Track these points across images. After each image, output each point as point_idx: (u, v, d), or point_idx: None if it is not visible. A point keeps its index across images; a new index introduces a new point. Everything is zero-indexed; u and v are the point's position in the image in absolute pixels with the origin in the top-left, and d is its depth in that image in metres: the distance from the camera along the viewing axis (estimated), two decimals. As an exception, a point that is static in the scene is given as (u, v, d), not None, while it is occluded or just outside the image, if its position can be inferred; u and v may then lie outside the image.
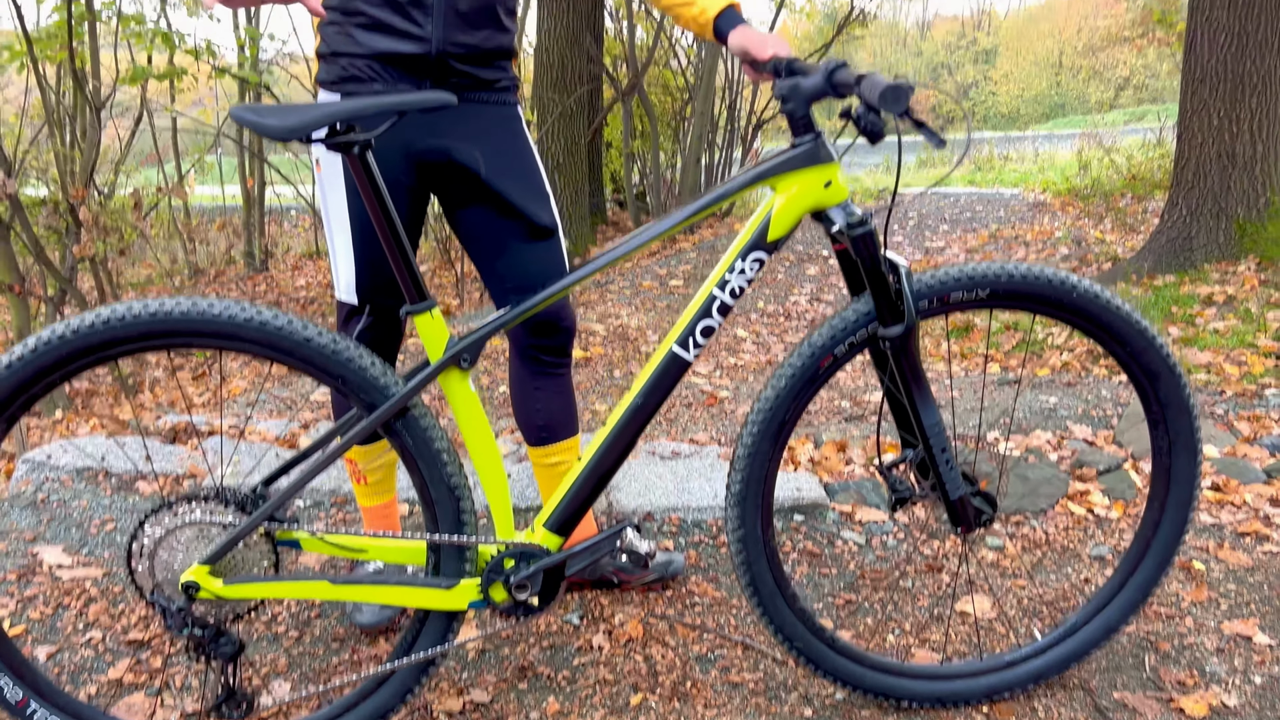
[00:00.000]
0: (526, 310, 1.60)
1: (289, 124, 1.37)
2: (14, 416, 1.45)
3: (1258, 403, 3.32)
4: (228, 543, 1.50)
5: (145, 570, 1.54)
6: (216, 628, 1.55)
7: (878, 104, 1.30)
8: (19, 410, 1.45)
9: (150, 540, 1.52)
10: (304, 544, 1.60)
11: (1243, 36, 4.69)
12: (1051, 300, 1.60)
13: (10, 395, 1.42)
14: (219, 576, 1.53)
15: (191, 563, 1.52)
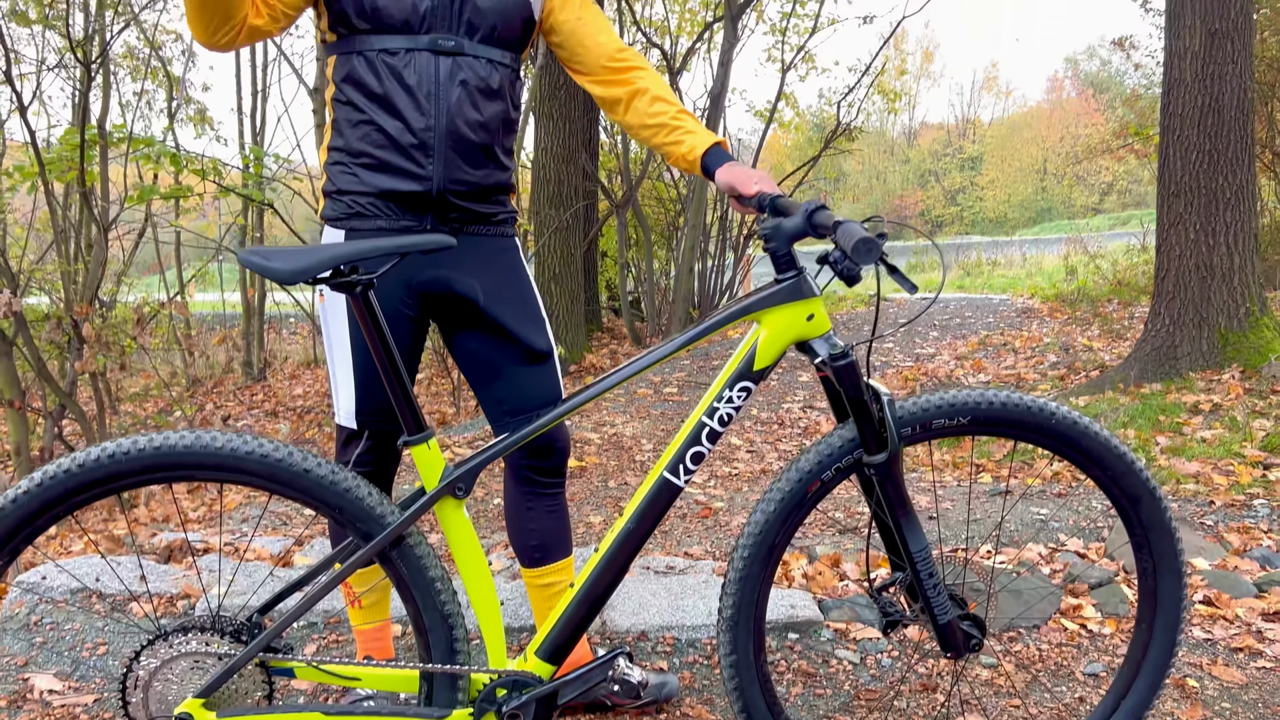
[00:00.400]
0: (522, 438, 1.65)
1: (293, 268, 1.44)
2: (16, 550, 1.48)
3: (1247, 513, 3.34)
4: (222, 675, 1.51)
5: (139, 703, 1.54)
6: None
7: (851, 255, 1.37)
8: (22, 543, 1.48)
9: (145, 672, 1.53)
10: (298, 673, 1.61)
11: (1213, 154, 4.87)
12: (1030, 427, 1.65)
13: (14, 529, 1.45)
14: (213, 709, 1.53)
15: (186, 695, 1.53)
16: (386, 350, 1.53)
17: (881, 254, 1.39)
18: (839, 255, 1.44)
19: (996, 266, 17.18)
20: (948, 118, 55.76)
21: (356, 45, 1.84)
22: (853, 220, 1.44)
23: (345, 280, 1.48)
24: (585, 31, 1.98)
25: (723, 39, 8.36)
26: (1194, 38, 4.85)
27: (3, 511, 1.45)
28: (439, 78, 1.82)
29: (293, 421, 7.31)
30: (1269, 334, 4.92)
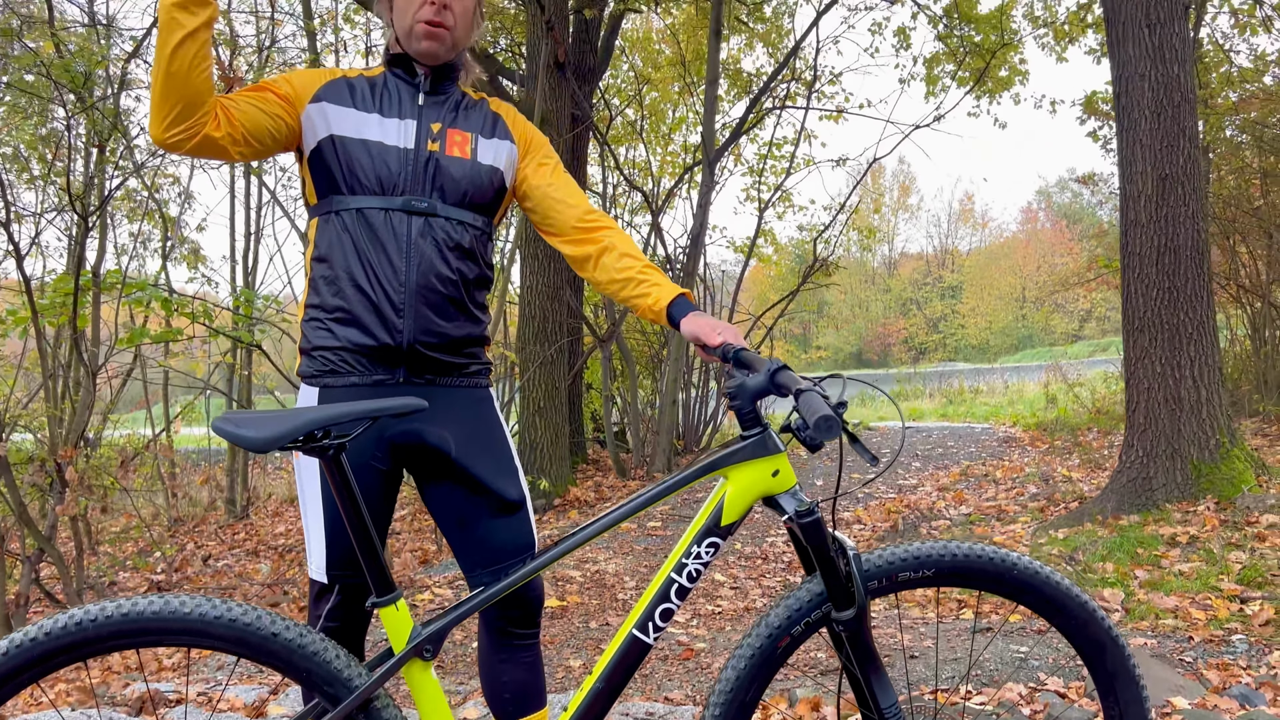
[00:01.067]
0: (495, 595, 1.67)
1: (265, 436, 1.49)
2: None
3: (1225, 649, 3.33)
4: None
5: None
6: None
7: (813, 431, 1.42)
8: None
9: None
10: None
11: (1173, 291, 5.05)
12: (992, 577, 1.69)
13: None
14: None
15: None
16: (357, 514, 1.57)
17: (843, 426, 1.45)
18: (801, 424, 1.49)
19: (979, 394, 17.37)
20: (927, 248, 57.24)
21: (335, 205, 1.94)
22: (814, 390, 1.49)
23: (318, 445, 1.53)
24: (556, 196, 2.10)
25: (701, 183, 8.68)
26: (1146, 182, 5.09)
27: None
28: (411, 236, 1.92)
29: (273, 561, 7.23)
30: (1240, 465, 4.99)
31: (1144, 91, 5.09)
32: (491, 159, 2.04)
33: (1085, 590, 3.98)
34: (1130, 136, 5.17)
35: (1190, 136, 5.07)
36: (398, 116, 1.98)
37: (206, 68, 1.75)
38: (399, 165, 1.94)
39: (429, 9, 1.94)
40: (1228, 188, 9.31)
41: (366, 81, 2.03)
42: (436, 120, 2.00)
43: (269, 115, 1.90)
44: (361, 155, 1.93)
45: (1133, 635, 3.57)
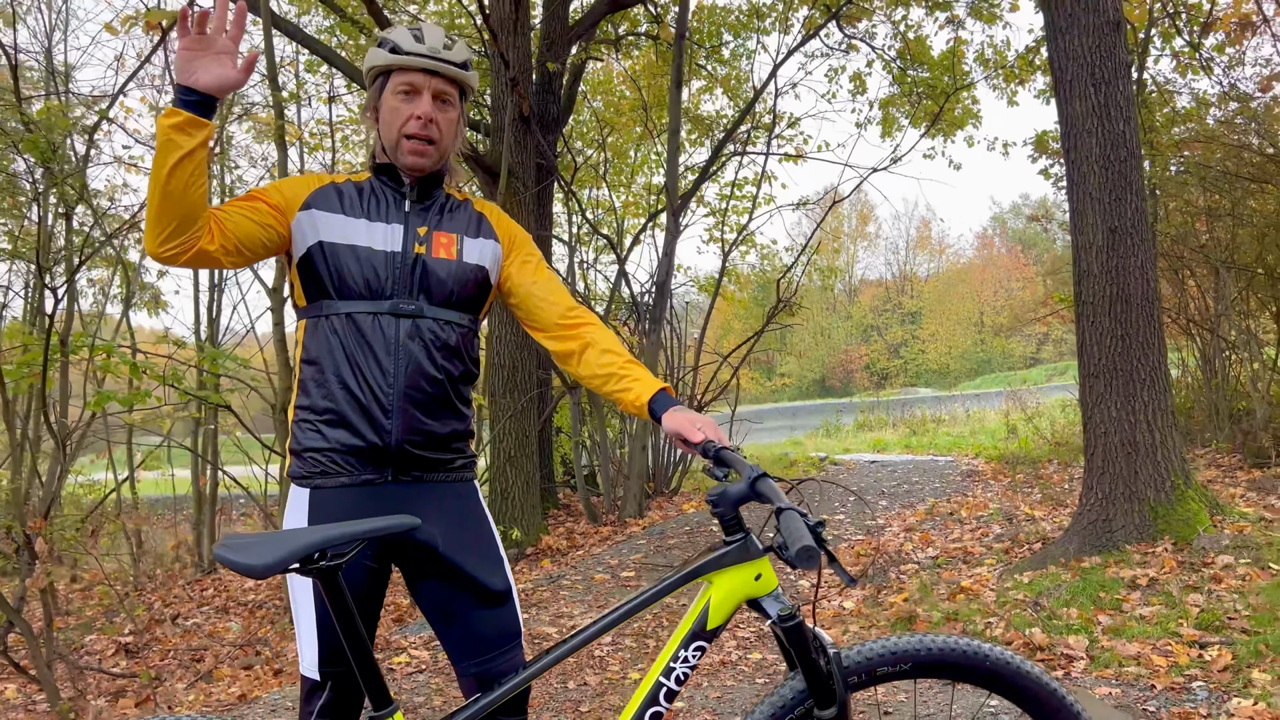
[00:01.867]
0: (494, 702, 1.72)
1: (265, 563, 1.54)
2: None
3: (1186, 697, 3.45)
4: None
5: None
6: None
7: (795, 559, 1.48)
8: None
9: None
10: None
11: (1126, 339, 5.22)
12: (967, 669, 1.78)
13: None
14: None
15: None
16: (354, 631, 1.63)
17: (823, 552, 1.51)
18: (782, 545, 1.56)
19: (941, 423, 17.63)
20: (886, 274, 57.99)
21: (324, 309, 2.01)
22: (794, 510, 1.56)
23: (315, 567, 1.59)
24: (539, 295, 2.18)
25: (666, 231, 8.81)
26: (1097, 234, 5.28)
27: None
28: (399, 338, 1.99)
29: (244, 619, 7.16)
30: (1195, 506, 5.15)
31: (1091, 147, 5.29)
32: (477, 258, 2.12)
33: (1051, 639, 4.10)
34: (1080, 190, 5.37)
35: (1136, 190, 5.27)
36: (384, 221, 2.05)
37: (202, 185, 1.81)
38: (386, 269, 2.01)
39: (415, 123, 2.02)
40: (1174, 225, 9.60)
41: (354, 187, 2.10)
42: (423, 224, 2.08)
43: (260, 225, 1.97)
44: (350, 260, 2.00)
45: (1098, 684, 3.68)
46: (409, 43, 2.00)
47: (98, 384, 6.07)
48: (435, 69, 2.01)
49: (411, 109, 2.01)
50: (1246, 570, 4.57)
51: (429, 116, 2.02)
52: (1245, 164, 8.76)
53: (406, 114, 2.02)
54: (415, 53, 2.00)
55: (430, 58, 2.00)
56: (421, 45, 2.00)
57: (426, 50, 2.00)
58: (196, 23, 1.75)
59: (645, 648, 4.96)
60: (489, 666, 2.07)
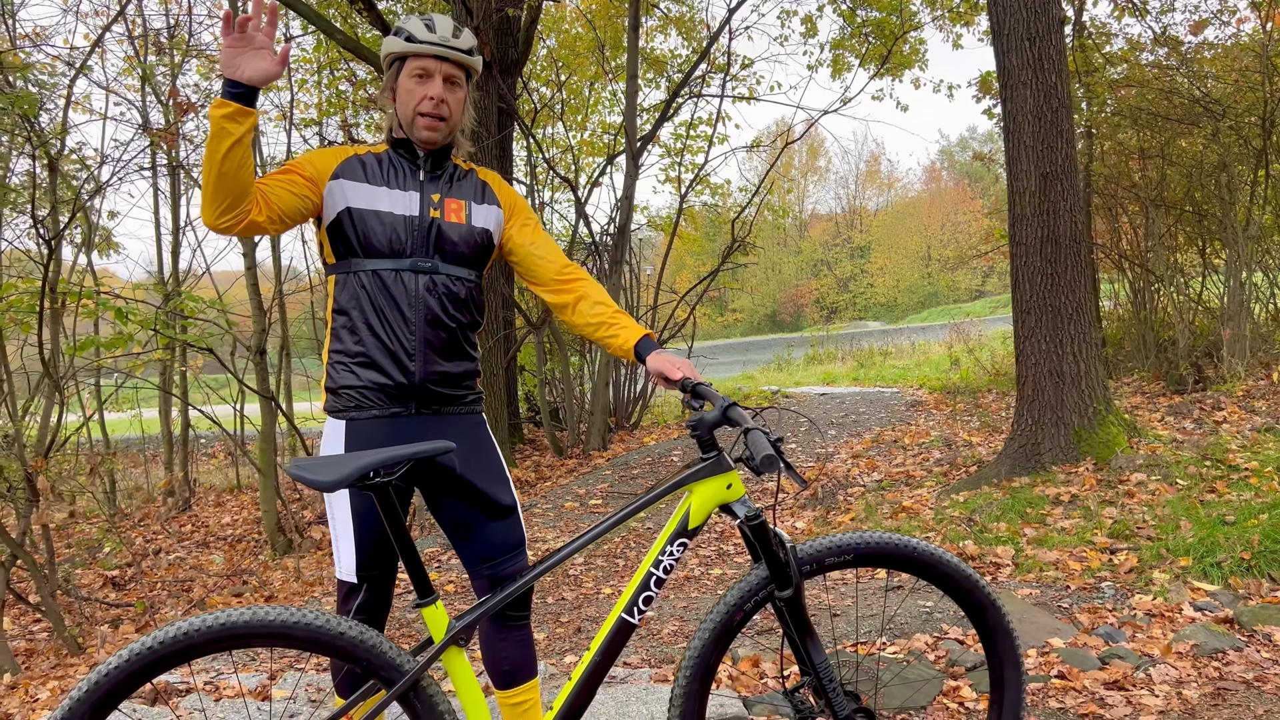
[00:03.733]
0: (507, 596, 2.08)
1: (334, 478, 1.87)
2: (104, 714, 1.83)
3: (1095, 595, 3.95)
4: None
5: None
6: None
7: (759, 466, 1.86)
8: (109, 709, 1.83)
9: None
10: (331, 797, 1.99)
11: (1055, 277, 5.66)
12: (899, 559, 2.17)
13: (108, 698, 1.80)
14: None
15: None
16: (404, 536, 1.97)
17: (780, 461, 1.89)
18: (749, 456, 1.93)
19: (888, 356, 18.23)
20: (836, 209, 58.51)
21: (352, 267, 2.32)
22: (758, 429, 1.94)
23: (372, 484, 1.92)
24: (538, 254, 2.50)
25: (625, 174, 9.07)
26: (1030, 179, 5.68)
27: (97, 686, 1.81)
28: (418, 291, 2.31)
29: (225, 552, 7.47)
30: (1114, 429, 5.66)
31: (1026, 98, 5.66)
32: (483, 222, 2.43)
33: (981, 549, 4.58)
34: (1015, 139, 5.75)
35: (1067, 138, 5.67)
36: (403, 189, 2.35)
37: (249, 165, 2.10)
38: (406, 231, 2.32)
39: (428, 103, 2.31)
40: (1109, 165, 10.07)
41: (375, 158, 2.39)
42: (435, 191, 2.38)
43: (298, 196, 2.27)
44: (374, 224, 2.30)
45: (1020, 586, 4.17)
46: (422, 32, 2.28)
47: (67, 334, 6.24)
48: (445, 55, 2.30)
49: (425, 90, 2.30)
50: (1156, 486, 5.09)
51: (440, 97, 2.31)
52: (1175, 107, 9.22)
53: (420, 95, 2.30)
54: (428, 41, 2.28)
55: (441, 45, 2.28)
56: (433, 34, 2.28)
57: (438, 39, 2.28)
58: (238, 25, 2.02)
59: (615, 567, 5.38)
60: (499, 569, 2.43)
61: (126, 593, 6.65)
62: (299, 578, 6.17)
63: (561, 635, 4.20)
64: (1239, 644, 3.38)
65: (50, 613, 5.08)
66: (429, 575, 2.02)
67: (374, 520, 2.32)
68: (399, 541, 1.97)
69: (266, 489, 6.87)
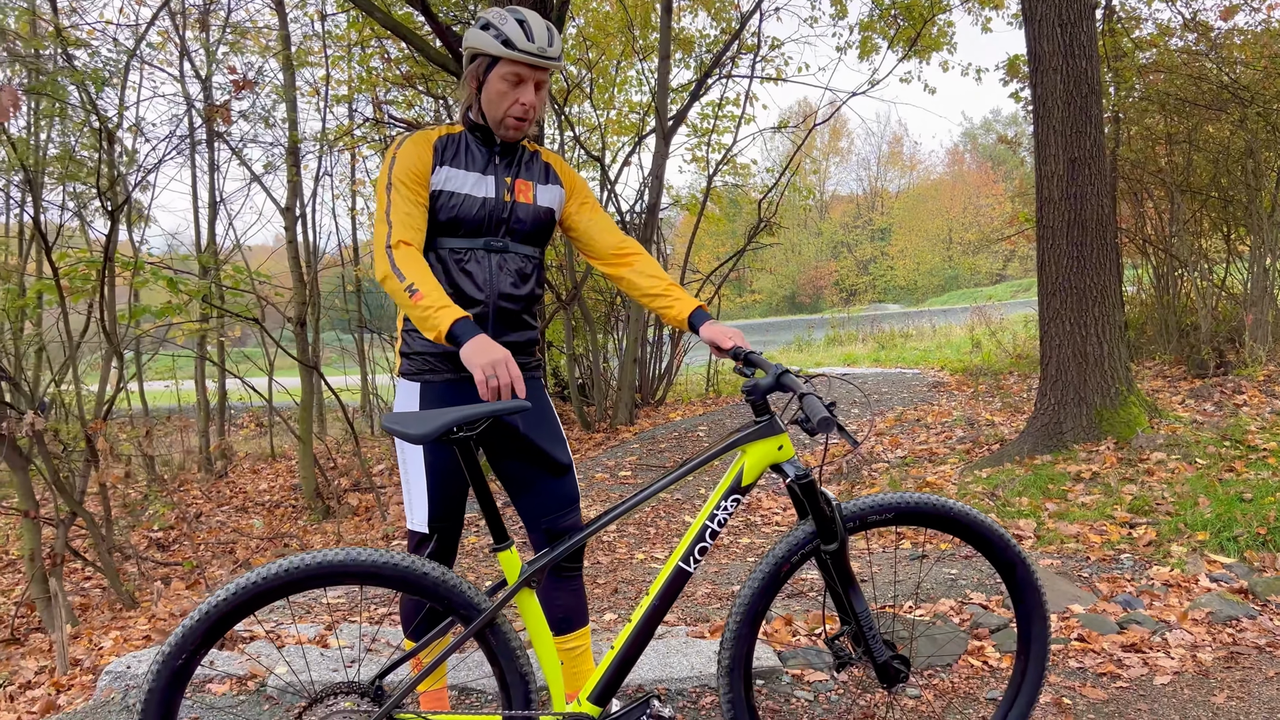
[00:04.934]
0: (570, 547, 2.25)
1: (424, 431, 2.05)
2: (212, 641, 2.03)
3: (1114, 566, 4.10)
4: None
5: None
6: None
7: (817, 426, 2.02)
8: (216, 637, 2.02)
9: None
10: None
11: (1081, 259, 5.78)
12: (936, 518, 2.33)
13: (216, 626, 2.00)
14: (361, 751, 2.09)
15: (340, 742, 2.09)
16: (483, 486, 2.15)
17: (836, 424, 2.06)
18: (804, 418, 2.09)
19: (909, 338, 18.32)
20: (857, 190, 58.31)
21: (434, 245, 2.49)
22: (813, 394, 2.10)
23: (457, 437, 2.10)
24: (595, 230, 2.67)
25: (654, 153, 9.20)
26: (1058, 164, 5.79)
27: (207, 615, 2.00)
28: (490, 268, 2.48)
29: (264, 517, 7.71)
30: (1136, 410, 5.79)
31: (1056, 84, 5.77)
32: (547, 202, 2.60)
33: (1003, 522, 4.74)
34: (1044, 123, 5.86)
35: (1096, 124, 5.77)
36: (480, 172, 2.51)
37: None
38: (483, 213, 2.48)
39: (519, 108, 2.45)
40: (1135, 150, 10.12)
41: (453, 141, 2.54)
42: (509, 175, 2.54)
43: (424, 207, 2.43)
44: (456, 206, 2.46)
45: (1042, 557, 4.32)
46: (521, 39, 2.37)
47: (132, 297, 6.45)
48: (542, 65, 2.43)
49: (517, 95, 2.43)
50: (1176, 465, 5.22)
51: (532, 104, 2.46)
52: (1203, 92, 9.25)
53: (513, 99, 2.44)
54: (526, 50, 2.39)
55: (539, 56, 2.41)
56: (531, 44, 2.38)
57: (536, 50, 2.38)
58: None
59: (646, 535, 5.57)
60: (556, 524, 2.62)
61: (171, 553, 6.90)
62: (340, 541, 6.39)
63: (600, 595, 4.39)
64: (1253, 612, 3.53)
65: (107, 569, 5.31)
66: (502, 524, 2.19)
67: (446, 474, 2.50)
68: (479, 492, 2.15)
69: (306, 456, 7.09)
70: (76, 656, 4.26)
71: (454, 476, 2.51)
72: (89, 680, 3.68)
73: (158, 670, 1.99)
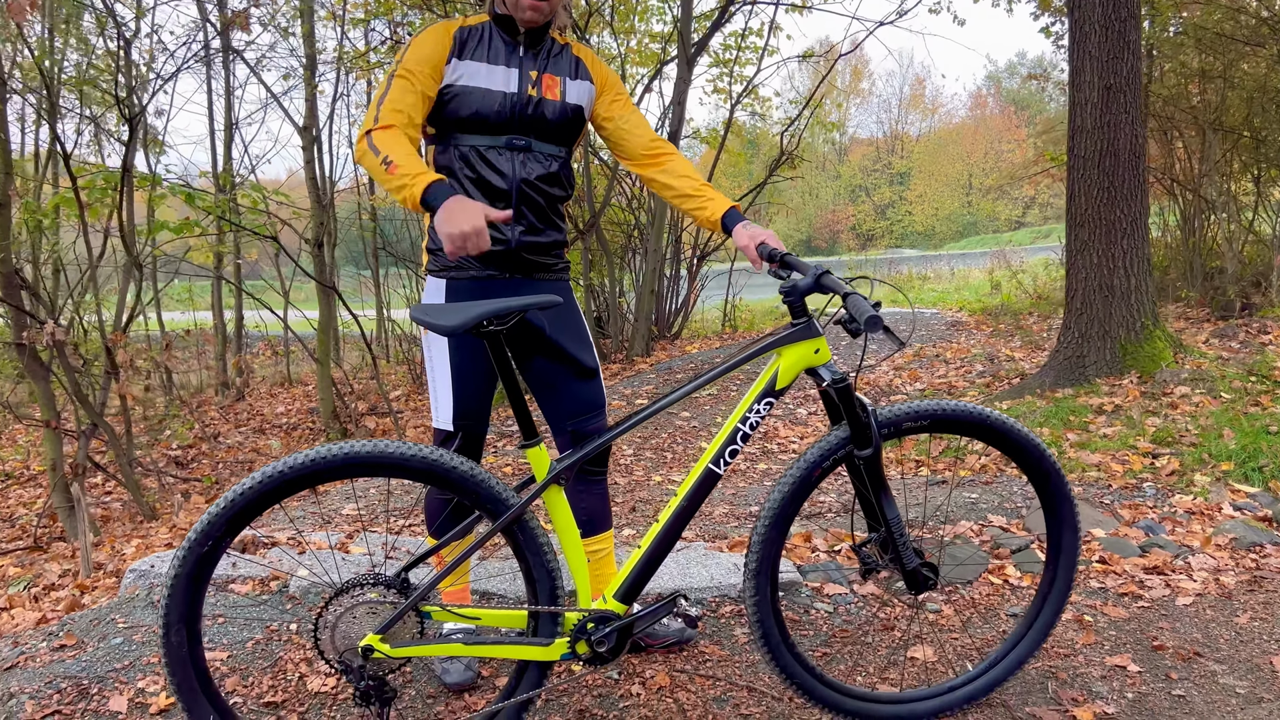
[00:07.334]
0: (597, 446, 2.22)
1: (454, 324, 2.01)
2: (238, 529, 2.01)
3: (1137, 494, 4.08)
4: (397, 615, 2.08)
5: (328, 639, 2.09)
6: (382, 680, 2.12)
7: (864, 326, 1.94)
8: (242, 526, 2.00)
9: (333, 616, 2.08)
10: (434, 614, 2.19)
11: (1111, 190, 5.67)
12: (972, 426, 2.29)
13: (241, 515, 1.97)
14: (387, 643, 2.09)
15: (365, 633, 2.09)
16: (513, 380, 2.11)
17: (883, 324, 1.98)
18: (848, 318, 2.04)
19: (926, 281, 18.16)
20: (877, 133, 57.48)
21: (453, 141, 2.43)
22: (857, 294, 2.05)
23: (487, 331, 2.06)
24: (627, 128, 2.60)
25: (676, 79, 9.03)
26: (1093, 91, 5.65)
27: (232, 503, 1.99)
28: (514, 167, 2.42)
29: (281, 438, 7.76)
30: (1160, 345, 5.72)
31: (1094, 6, 5.60)
32: (575, 98, 2.53)
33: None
34: (1080, 48, 5.70)
35: (1134, 50, 5.62)
36: (504, 65, 2.44)
37: None
38: (503, 107, 2.41)
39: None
40: (1168, 86, 9.89)
41: (475, 32, 2.47)
42: (534, 68, 2.47)
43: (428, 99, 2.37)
44: (476, 101, 2.40)
45: (1063, 485, 4.30)
46: None
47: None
48: None
49: None
50: (1200, 399, 5.18)
51: None
52: (1241, 26, 9.01)
53: None
54: None
55: None
56: None
57: None
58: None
59: (663, 459, 5.57)
60: (582, 426, 2.60)
61: (190, 470, 6.96)
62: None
63: (617, 513, 4.40)
64: (1277, 539, 3.51)
65: (127, 480, 5.36)
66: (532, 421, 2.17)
67: (471, 372, 2.47)
68: (509, 386, 2.12)
69: (324, 379, 7.10)
70: (100, 561, 4.31)
71: (479, 374, 2.48)
72: (112, 582, 3.72)
73: (183, 556, 1.98)
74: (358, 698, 2.11)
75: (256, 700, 2.56)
